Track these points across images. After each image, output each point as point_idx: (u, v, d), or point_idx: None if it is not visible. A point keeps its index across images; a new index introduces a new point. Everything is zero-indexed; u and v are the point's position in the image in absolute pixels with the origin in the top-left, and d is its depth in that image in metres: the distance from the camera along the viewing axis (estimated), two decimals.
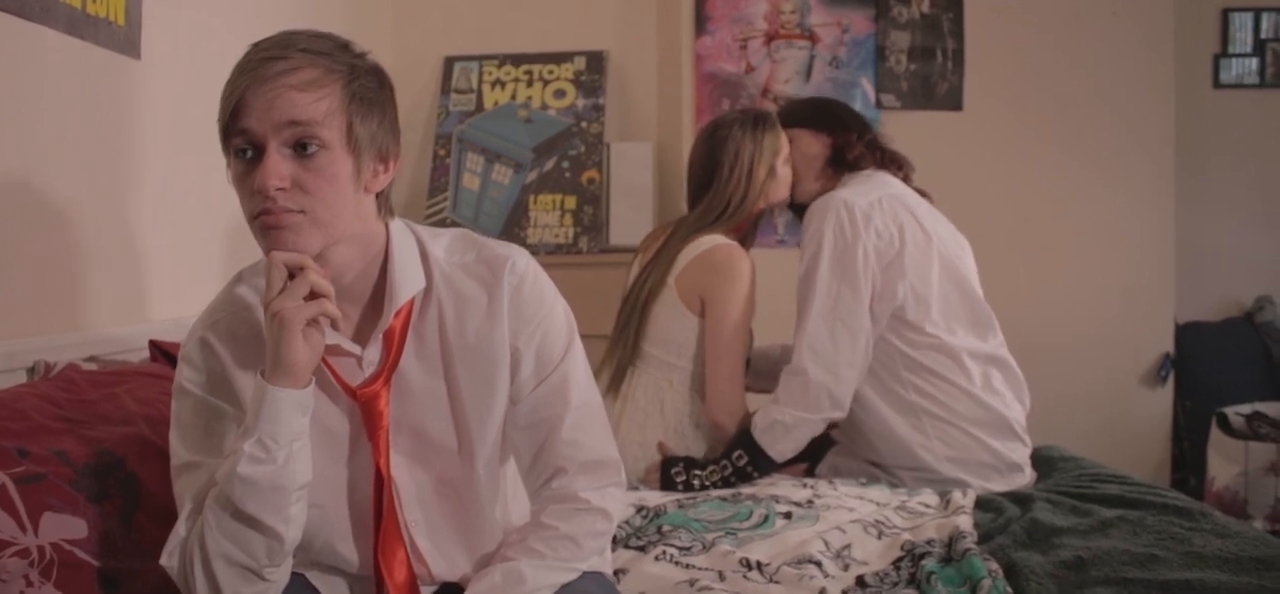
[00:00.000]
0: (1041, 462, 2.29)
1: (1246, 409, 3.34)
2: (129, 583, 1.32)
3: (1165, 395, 3.51)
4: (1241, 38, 3.88)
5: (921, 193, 2.33)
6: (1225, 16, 3.87)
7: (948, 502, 2.00)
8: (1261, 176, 3.88)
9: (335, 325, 1.25)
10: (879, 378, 2.20)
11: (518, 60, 3.54)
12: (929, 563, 1.63)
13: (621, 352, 2.32)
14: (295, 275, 1.17)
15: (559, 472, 1.32)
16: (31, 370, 1.63)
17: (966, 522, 1.83)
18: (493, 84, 3.52)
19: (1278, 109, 3.88)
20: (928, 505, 2.00)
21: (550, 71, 3.51)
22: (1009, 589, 1.53)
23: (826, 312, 2.15)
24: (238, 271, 1.34)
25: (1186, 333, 3.63)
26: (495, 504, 1.37)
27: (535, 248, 3.28)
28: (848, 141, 2.30)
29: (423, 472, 1.33)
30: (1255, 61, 3.87)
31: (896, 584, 1.61)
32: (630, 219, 3.33)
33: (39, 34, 1.70)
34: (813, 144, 2.34)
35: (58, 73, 1.77)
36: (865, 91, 3.41)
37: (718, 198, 2.29)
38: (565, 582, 1.29)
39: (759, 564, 1.63)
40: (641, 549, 1.70)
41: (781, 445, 2.16)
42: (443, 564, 1.36)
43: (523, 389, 1.32)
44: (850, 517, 1.87)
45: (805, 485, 2.07)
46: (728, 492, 2.08)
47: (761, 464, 2.16)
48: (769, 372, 2.32)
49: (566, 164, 3.42)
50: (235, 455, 1.17)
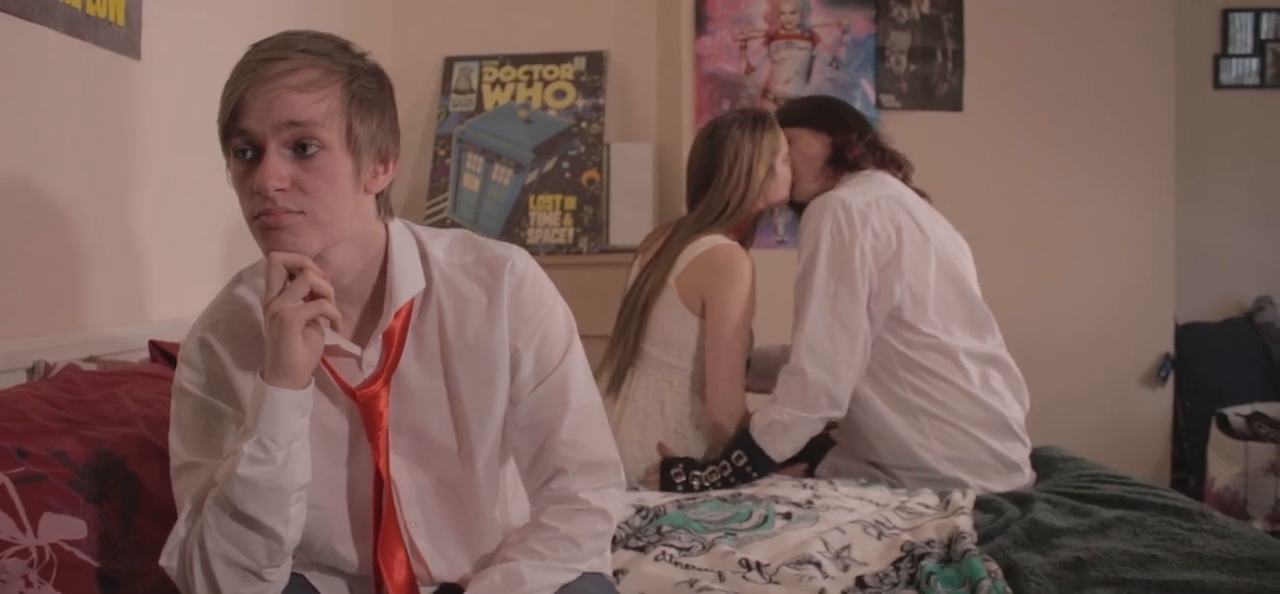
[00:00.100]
0: (1041, 462, 2.28)
1: (1246, 410, 3.34)
2: (128, 583, 1.32)
3: (1165, 396, 3.51)
4: (1241, 38, 3.88)
5: (920, 193, 2.33)
6: (1225, 17, 3.87)
7: (947, 502, 2.00)
8: (1261, 177, 3.88)
9: (335, 326, 1.25)
10: (877, 378, 2.20)
11: (518, 61, 3.54)
12: (928, 564, 1.63)
13: (622, 352, 2.32)
14: (295, 276, 1.18)
15: (558, 472, 1.32)
16: (31, 371, 1.63)
17: (966, 522, 1.83)
18: (493, 84, 3.52)
19: (1278, 109, 3.87)
20: (927, 506, 2.00)
21: (550, 72, 3.51)
22: (1008, 590, 1.53)
23: (824, 311, 2.15)
24: (237, 272, 1.34)
25: (1186, 333, 3.63)
26: (495, 505, 1.37)
27: (535, 248, 3.28)
28: (848, 141, 2.30)
29: (422, 472, 1.33)
30: (1255, 62, 3.87)
31: (896, 585, 1.60)
32: (630, 219, 3.33)
33: (39, 34, 1.70)
34: (812, 143, 2.34)
35: (58, 73, 1.77)
36: (865, 92, 3.41)
37: (717, 197, 2.28)
38: (565, 582, 1.29)
39: (758, 565, 1.63)
40: (641, 550, 1.70)
41: (780, 445, 2.16)
42: (442, 565, 1.36)
43: (522, 390, 1.32)
44: (850, 517, 1.87)
45: (805, 486, 2.07)
46: (727, 492, 2.08)
47: (761, 464, 2.16)
48: (769, 372, 2.32)
49: (566, 164, 3.42)
50: (235, 456, 1.17)
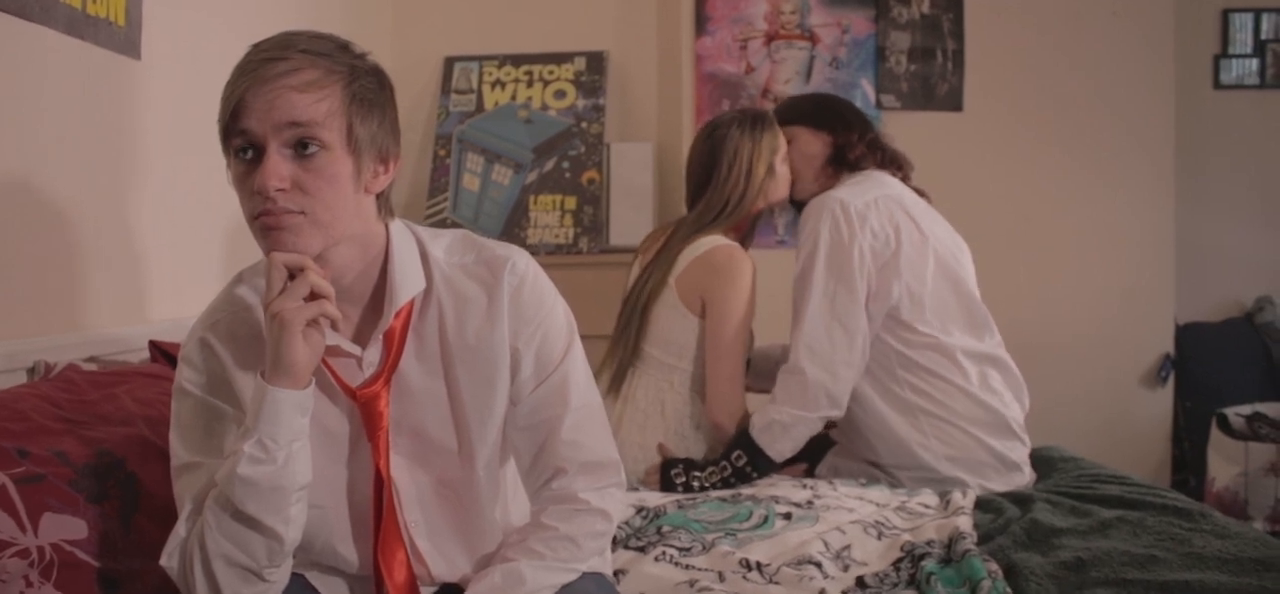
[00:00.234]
0: (1041, 462, 2.28)
1: (1246, 410, 3.34)
2: (129, 583, 1.32)
3: (1165, 396, 3.51)
4: (1242, 38, 3.87)
5: (919, 192, 2.33)
6: (1225, 17, 3.87)
7: (947, 502, 1.99)
8: (1261, 177, 3.88)
9: (335, 326, 1.25)
10: (876, 377, 2.20)
11: (518, 61, 3.54)
12: (929, 564, 1.63)
13: (622, 352, 2.32)
14: (295, 276, 1.18)
15: (559, 472, 1.32)
16: (31, 371, 1.63)
17: (966, 522, 1.83)
18: (493, 84, 3.52)
19: (1278, 110, 3.87)
20: (927, 506, 2.00)
21: (550, 72, 3.51)
22: (1009, 590, 1.53)
23: (823, 311, 2.15)
24: (238, 272, 1.34)
25: (1186, 333, 3.63)
26: (495, 505, 1.37)
27: (535, 248, 3.28)
28: (849, 141, 2.29)
29: (422, 472, 1.33)
30: (1255, 62, 3.87)
31: (896, 585, 1.60)
32: (630, 219, 3.33)
33: (39, 34, 1.70)
34: (813, 143, 2.33)
35: (58, 73, 1.77)
36: (865, 92, 3.41)
37: (717, 196, 2.28)
38: (565, 582, 1.29)
39: (759, 565, 1.63)
40: (641, 550, 1.70)
41: (780, 445, 2.16)
42: (442, 565, 1.36)
43: (523, 390, 1.32)
44: (850, 517, 1.87)
45: (805, 486, 2.07)
46: (727, 492, 2.08)
47: (760, 464, 2.16)
48: (770, 372, 2.31)
49: (566, 164, 3.42)
50: (235, 456, 1.17)
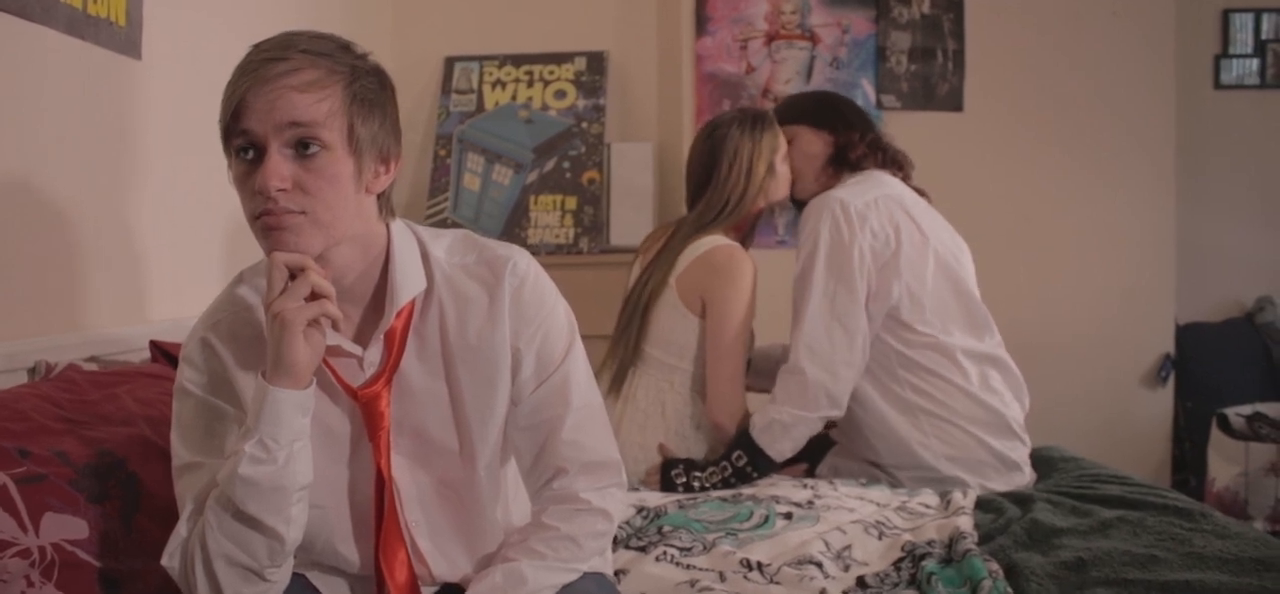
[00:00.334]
0: (1041, 462, 2.28)
1: (1247, 410, 3.34)
2: (130, 583, 1.32)
3: (1165, 396, 3.51)
4: (1242, 38, 3.87)
5: (920, 192, 2.33)
6: (1226, 17, 3.87)
7: (948, 502, 1.99)
8: (1262, 177, 3.88)
9: (336, 326, 1.25)
10: (876, 377, 2.20)
11: (518, 61, 3.54)
12: (929, 564, 1.63)
13: (623, 353, 2.32)
14: (296, 276, 1.18)
15: (560, 472, 1.32)
16: (32, 371, 1.63)
17: (967, 522, 1.83)
18: (493, 84, 3.52)
19: (1278, 110, 3.87)
20: (928, 506, 2.00)
21: (551, 72, 3.51)
22: (1009, 590, 1.53)
23: (823, 311, 2.14)
24: (239, 272, 1.34)
25: (1187, 333, 3.63)
26: (496, 505, 1.37)
27: (536, 248, 3.28)
28: (850, 141, 2.29)
29: (424, 472, 1.33)
30: (1256, 62, 3.87)
31: (897, 585, 1.60)
32: (630, 219, 3.33)
33: (39, 34, 1.69)
34: (814, 142, 2.33)
35: (58, 73, 1.77)
36: (866, 92, 3.41)
37: (717, 195, 2.28)
38: (566, 582, 1.29)
39: (759, 565, 1.63)
40: (642, 550, 1.70)
41: (780, 445, 2.16)
42: (444, 565, 1.36)
43: (524, 390, 1.32)
44: (851, 517, 1.87)
45: (805, 486, 2.07)
46: (728, 492, 2.08)
47: (761, 464, 2.16)
48: (770, 371, 2.31)
49: (567, 164, 3.42)
50: (236, 456, 1.17)
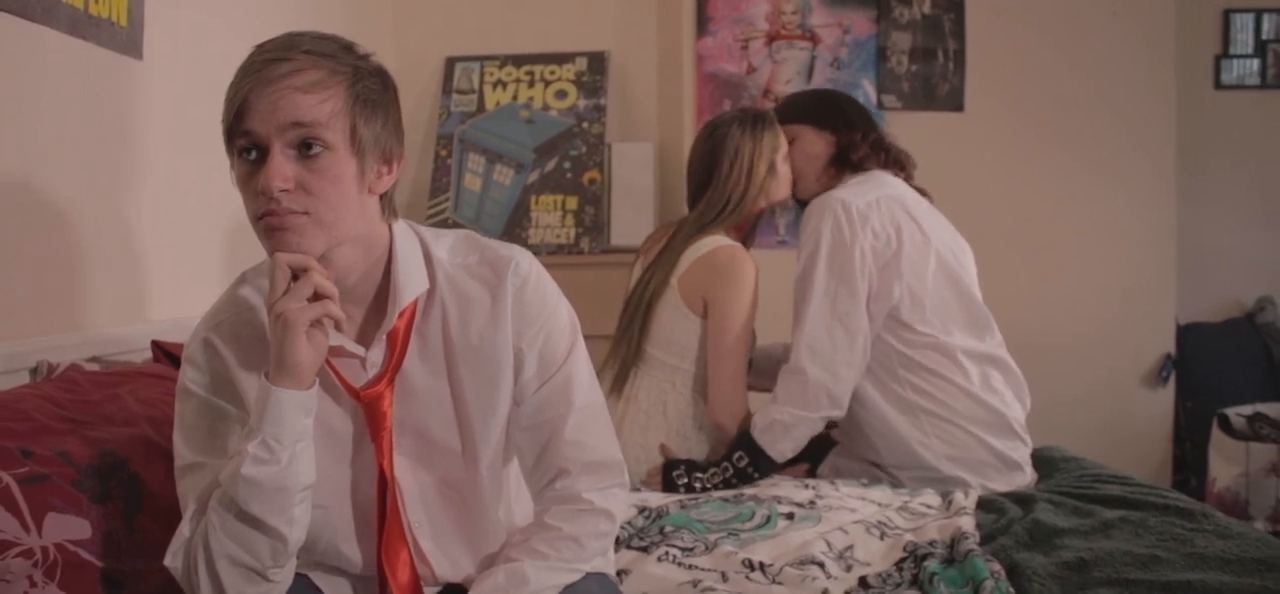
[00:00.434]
0: (1042, 462, 2.28)
1: (1248, 410, 3.34)
2: (132, 583, 1.32)
3: (1166, 396, 3.51)
4: (1242, 39, 3.88)
5: (921, 191, 2.33)
6: (1226, 17, 3.87)
7: (949, 502, 2.00)
8: (1262, 177, 3.89)
9: (339, 327, 1.25)
10: (877, 377, 2.20)
11: (519, 61, 3.54)
12: (931, 564, 1.63)
13: (624, 353, 2.32)
14: (299, 276, 1.18)
15: (562, 472, 1.33)
16: (34, 371, 1.63)
17: (969, 522, 1.83)
18: (494, 84, 3.52)
19: (1279, 110, 3.88)
20: (930, 506, 2.00)
21: (551, 72, 3.51)
22: (1011, 590, 1.53)
23: (824, 311, 2.14)
24: (241, 273, 1.34)
25: (1187, 333, 3.63)
26: (498, 505, 1.37)
27: (537, 248, 3.28)
28: (852, 141, 2.28)
29: (426, 473, 1.33)
30: (1256, 62, 3.87)
31: (899, 585, 1.61)
32: (631, 220, 3.33)
33: (40, 34, 1.69)
34: (816, 142, 2.32)
35: (59, 73, 1.77)
36: (866, 92, 3.41)
37: (718, 195, 2.28)
38: (568, 582, 1.29)
39: (761, 565, 1.63)
40: (644, 550, 1.70)
41: (781, 445, 2.16)
42: (446, 565, 1.36)
43: (526, 390, 1.32)
44: (852, 517, 1.87)
45: (807, 486, 2.07)
46: (730, 492, 2.08)
47: (762, 465, 2.16)
48: (772, 371, 2.31)
49: (568, 164, 3.42)
50: (239, 456, 1.17)
